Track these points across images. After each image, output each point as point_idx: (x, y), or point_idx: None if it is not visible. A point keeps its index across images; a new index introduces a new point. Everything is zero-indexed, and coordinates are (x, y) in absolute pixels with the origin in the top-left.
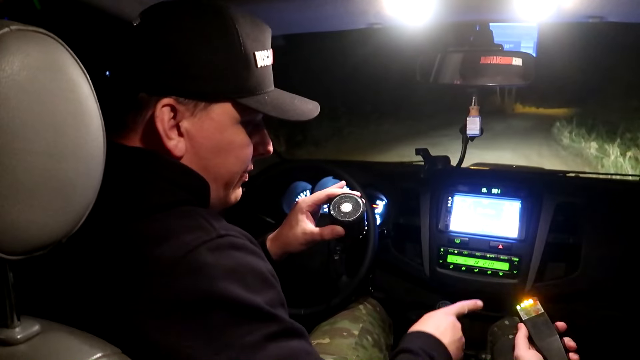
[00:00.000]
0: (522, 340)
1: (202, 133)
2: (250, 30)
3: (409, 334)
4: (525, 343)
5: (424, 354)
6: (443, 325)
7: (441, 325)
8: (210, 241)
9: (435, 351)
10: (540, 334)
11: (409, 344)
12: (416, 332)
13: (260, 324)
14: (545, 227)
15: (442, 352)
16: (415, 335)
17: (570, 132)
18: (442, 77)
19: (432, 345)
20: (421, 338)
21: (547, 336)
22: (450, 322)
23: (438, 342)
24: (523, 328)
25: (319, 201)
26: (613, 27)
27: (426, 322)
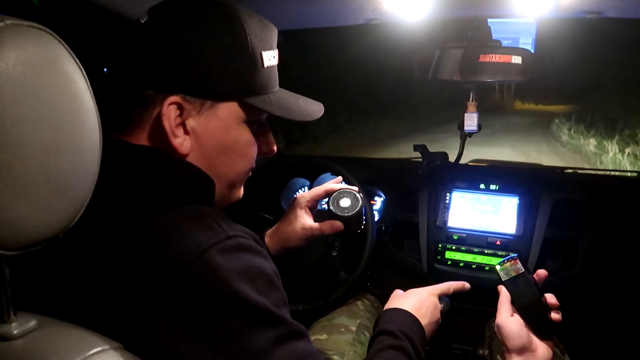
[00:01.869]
0: (503, 305)
1: (208, 132)
2: (257, 30)
3: (390, 311)
4: (507, 309)
5: (402, 335)
6: (425, 306)
7: (423, 305)
8: (219, 243)
9: (413, 333)
10: (520, 295)
11: (389, 325)
12: (397, 310)
13: (270, 327)
14: (543, 223)
15: (420, 333)
16: (396, 313)
17: (569, 128)
18: (441, 73)
19: (411, 326)
20: (401, 318)
21: (527, 297)
22: (433, 303)
23: (417, 322)
24: (504, 291)
25: (318, 196)
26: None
27: (408, 298)
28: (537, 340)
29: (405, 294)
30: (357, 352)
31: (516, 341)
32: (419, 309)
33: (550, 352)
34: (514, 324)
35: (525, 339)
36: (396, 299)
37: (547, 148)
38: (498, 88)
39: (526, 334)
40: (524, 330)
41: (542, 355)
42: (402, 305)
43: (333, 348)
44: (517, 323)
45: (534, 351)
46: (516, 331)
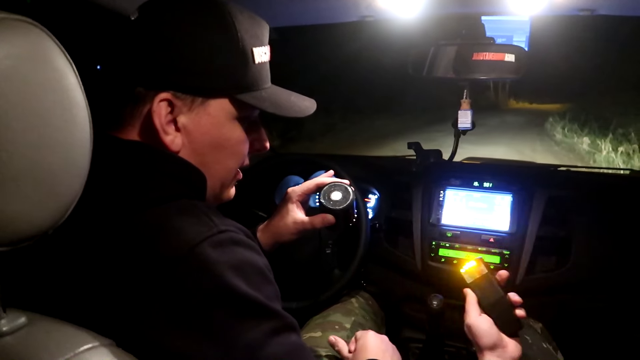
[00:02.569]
0: (471, 306)
1: (199, 128)
2: (248, 26)
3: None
4: (475, 309)
5: None
6: (382, 348)
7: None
8: (212, 237)
9: None
10: (486, 296)
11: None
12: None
13: (263, 320)
14: (536, 221)
15: None
16: None
17: (563, 127)
18: (435, 70)
19: None
20: None
21: (493, 297)
22: (385, 342)
23: None
24: (470, 293)
25: (309, 190)
26: (605, 21)
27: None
28: (505, 337)
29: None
30: None
31: (487, 339)
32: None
33: (519, 348)
34: (484, 323)
35: (496, 336)
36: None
37: (541, 146)
38: (492, 87)
39: (496, 331)
40: (494, 328)
41: (512, 351)
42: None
43: (327, 345)
44: (486, 322)
45: (504, 347)
46: (486, 329)
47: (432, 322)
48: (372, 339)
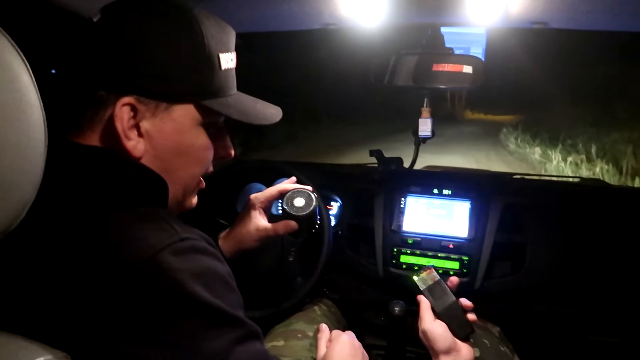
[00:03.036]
0: (425, 312)
1: (163, 134)
2: (215, 31)
3: None
4: (430, 315)
5: None
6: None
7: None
8: (173, 244)
9: None
10: (439, 301)
11: None
12: None
13: (227, 329)
14: (493, 227)
15: None
16: None
17: (516, 138)
18: (396, 79)
19: None
20: None
21: (445, 302)
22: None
23: None
24: (424, 300)
25: (271, 197)
26: (556, 34)
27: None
28: (459, 341)
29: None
30: (315, 357)
31: (442, 343)
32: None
33: (472, 351)
34: (438, 327)
35: (450, 340)
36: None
37: (495, 156)
38: (450, 98)
39: (450, 336)
40: (448, 333)
41: (465, 354)
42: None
43: (290, 354)
44: (440, 327)
45: (458, 351)
46: (441, 334)
47: (394, 328)
48: (342, 342)
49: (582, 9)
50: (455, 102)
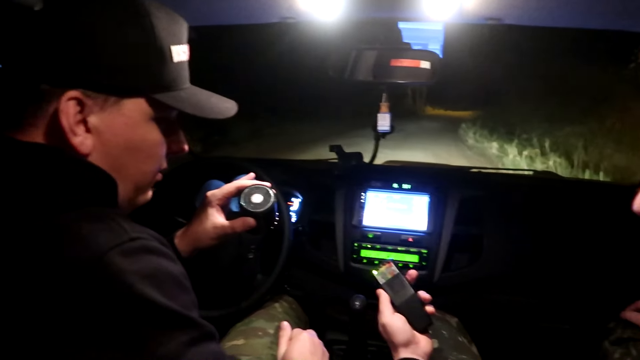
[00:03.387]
0: (385, 306)
1: (112, 130)
2: (166, 23)
3: None
4: (389, 309)
5: None
6: (311, 350)
7: (306, 350)
8: (122, 244)
9: None
10: (398, 295)
11: None
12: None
13: (180, 330)
14: (451, 220)
15: None
16: None
17: (475, 133)
18: (356, 74)
19: None
20: None
21: (404, 295)
22: (316, 345)
23: None
24: (383, 294)
25: (229, 194)
26: (511, 30)
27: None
28: (417, 333)
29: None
30: (275, 355)
31: (401, 336)
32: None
33: (430, 343)
34: (397, 321)
35: (409, 333)
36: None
37: (455, 151)
38: (411, 94)
39: (409, 329)
40: (407, 326)
41: (424, 346)
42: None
43: (250, 352)
44: (399, 320)
45: (417, 343)
46: (400, 327)
47: (355, 323)
48: (302, 340)
49: (535, 6)
50: (416, 98)
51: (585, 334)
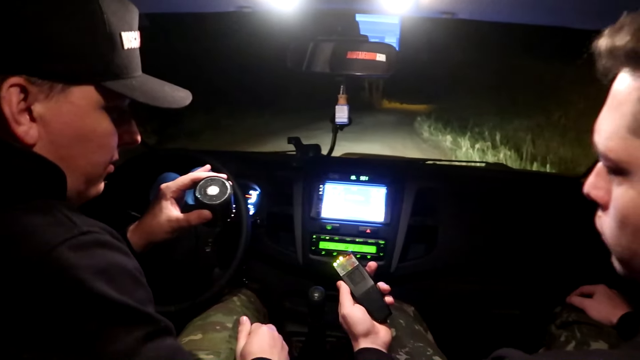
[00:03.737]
0: (345, 297)
1: (60, 118)
2: (115, 8)
3: None
4: (349, 300)
5: None
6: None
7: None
8: (72, 239)
9: None
10: (358, 286)
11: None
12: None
13: (135, 326)
14: (407, 211)
15: None
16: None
17: (429, 126)
18: (314, 65)
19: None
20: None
21: (364, 287)
22: (275, 338)
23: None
24: (343, 285)
25: (184, 186)
26: (465, 26)
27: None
28: (377, 324)
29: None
30: (233, 348)
31: (361, 327)
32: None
33: (389, 332)
34: (357, 312)
35: (369, 323)
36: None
37: (411, 144)
38: (368, 87)
39: (369, 319)
40: (367, 316)
41: (383, 336)
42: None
43: (208, 347)
44: (359, 311)
45: (377, 333)
46: (360, 317)
47: (314, 314)
48: (261, 335)
49: (487, 1)
50: (373, 92)
51: (534, 318)
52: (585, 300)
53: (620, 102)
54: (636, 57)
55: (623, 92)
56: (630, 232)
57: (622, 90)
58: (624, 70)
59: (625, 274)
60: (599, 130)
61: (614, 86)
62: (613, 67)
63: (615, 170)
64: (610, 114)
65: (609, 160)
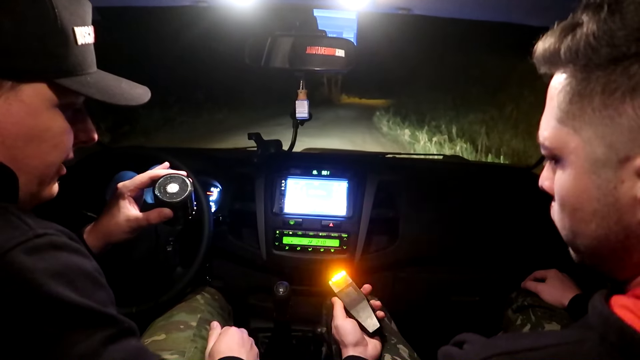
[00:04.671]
0: (339, 311)
1: (10, 118)
2: (67, 2)
3: None
4: (342, 313)
5: None
6: (239, 343)
7: (234, 344)
8: (26, 242)
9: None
10: (351, 302)
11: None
12: None
13: (96, 328)
14: (369, 204)
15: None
16: None
17: (388, 120)
18: (272, 61)
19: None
20: None
21: (357, 303)
22: (244, 337)
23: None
24: (338, 301)
25: (142, 184)
26: (421, 20)
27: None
28: (367, 337)
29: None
30: (198, 347)
31: (351, 337)
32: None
33: (378, 347)
34: (348, 324)
35: (359, 335)
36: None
37: (370, 138)
38: (326, 82)
39: (359, 332)
40: (357, 328)
41: (371, 349)
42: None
43: (172, 347)
44: (350, 324)
45: (365, 346)
46: (351, 329)
47: (279, 309)
48: (231, 335)
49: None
50: (332, 87)
51: (492, 304)
52: (538, 285)
53: (551, 97)
54: (558, 56)
55: (552, 88)
56: (568, 213)
57: (552, 87)
58: (554, 70)
59: (577, 258)
60: (540, 125)
61: (550, 85)
62: (547, 69)
63: (552, 157)
64: (546, 109)
65: (546, 149)
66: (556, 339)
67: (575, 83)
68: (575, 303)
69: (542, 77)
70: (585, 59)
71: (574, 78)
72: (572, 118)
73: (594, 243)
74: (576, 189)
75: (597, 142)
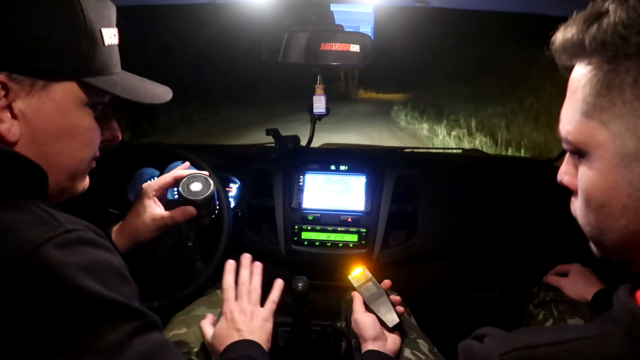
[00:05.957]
0: (358, 305)
1: (42, 116)
2: (94, 5)
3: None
4: (361, 308)
5: None
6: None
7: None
8: (57, 237)
9: (254, 352)
10: (371, 297)
11: (229, 355)
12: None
13: (122, 321)
14: (387, 199)
15: (257, 349)
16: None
17: (406, 115)
18: (289, 56)
19: (248, 347)
20: (239, 345)
21: (376, 297)
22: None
23: (252, 342)
24: (357, 295)
25: (166, 184)
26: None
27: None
28: (386, 332)
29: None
30: None
31: (370, 331)
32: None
33: (397, 342)
34: (368, 318)
35: (378, 329)
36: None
37: (387, 133)
38: (343, 77)
39: (378, 326)
40: (377, 323)
41: (390, 344)
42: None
43: (193, 340)
44: (370, 318)
45: (385, 340)
46: (370, 323)
47: (298, 304)
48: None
49: None
50: (349, 82)
51: (513, 299)
52: (561, 280)
53: (574, 90)
54: (582, 47)
55: (575, 80)
56: (594, 209)
57: (575, 78)
58: (576, 62)
59: (601, 254)
60: (561, 118)
61: (571, 77)
62: (567, 60)
63: (576, 152)
64: (567, 102)
65: (569, 144)
66: (579, 333)
67: (602, 74)
68: (598, 298)
69: (559, 69)
70: (613, 49)
71: (600, 69)
72: (599, 111)
73: (623, 239)
74: (604, 184)
75: (628, 136)
